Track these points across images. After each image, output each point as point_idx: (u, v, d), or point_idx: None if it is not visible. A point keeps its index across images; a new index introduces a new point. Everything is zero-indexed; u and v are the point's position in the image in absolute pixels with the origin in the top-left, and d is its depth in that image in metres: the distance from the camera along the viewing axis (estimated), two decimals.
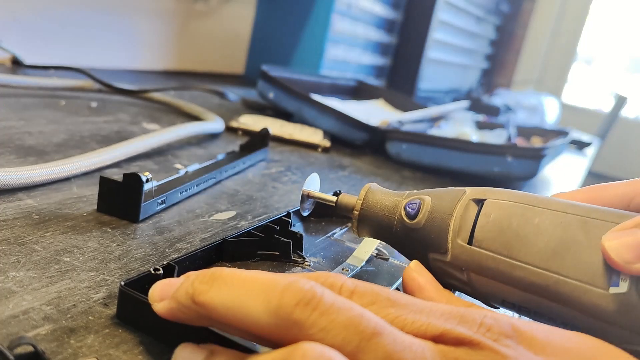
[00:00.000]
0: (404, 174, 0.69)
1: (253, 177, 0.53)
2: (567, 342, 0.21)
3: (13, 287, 0.27)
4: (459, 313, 0.21)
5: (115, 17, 0.98)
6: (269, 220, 0.37)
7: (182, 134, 0.57)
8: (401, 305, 0.21)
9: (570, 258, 0.25)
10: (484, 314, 0.21)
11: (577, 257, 0.25)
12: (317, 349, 0.17)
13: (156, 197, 0.38)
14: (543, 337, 0.21)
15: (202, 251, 0.31)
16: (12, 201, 0.36)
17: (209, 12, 1.18)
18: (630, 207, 0.29)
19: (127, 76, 0.95)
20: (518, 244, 0.27)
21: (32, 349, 0.21)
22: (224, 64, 1.28)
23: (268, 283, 0.20)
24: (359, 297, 0.21)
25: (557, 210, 0.27)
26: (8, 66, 0.81)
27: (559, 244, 0.26)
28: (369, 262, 0.37)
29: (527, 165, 0.67)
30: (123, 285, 0.25)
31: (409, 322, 0.20)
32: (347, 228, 0.43)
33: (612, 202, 0.30)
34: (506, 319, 0.21)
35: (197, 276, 0.21)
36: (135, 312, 0.25)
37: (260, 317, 0.19)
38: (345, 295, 0.20)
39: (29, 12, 0.84)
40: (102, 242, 0.33)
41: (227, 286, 0.20)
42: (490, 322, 0.20)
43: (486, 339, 0.19)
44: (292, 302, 0.19)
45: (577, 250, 0.25)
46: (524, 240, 0.26)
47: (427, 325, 0.20)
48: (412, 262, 0.30)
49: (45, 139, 0.51)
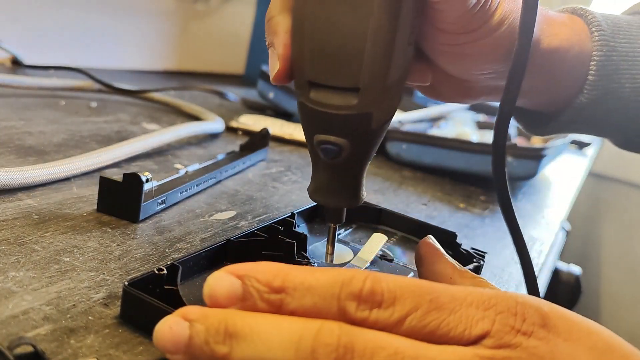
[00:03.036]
0: (404, 174, 0.69)
1: (253, 177, 0.53)
2: (587, 329, 0.22)
3: (13, 287, 0.27)
4: (492, 302, 0.21)
5: (115, 18, 0.98)
6: (273, 220, 0.36)
7: (182, 134, 0.57)
8: (442, 305, 0.21)
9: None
10: (515, 301, 0.21)
11: None
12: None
13: (156, 197, 0.38)
14: (568, 323, 0.22)
15: (206, 251, 0.31)
16: (12, 201, 0.36)
17: (209, 12, 1.18)
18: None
19: (127, 76, 0.95)
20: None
21: (32, 349, 0.21)
22: (224, 64, 1.28)
23: (293, 333, 0.19)
24: (401, 305, 0.20)
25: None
26: (8, 66, 0.81)
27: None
28: (373, 264, 0.37)
29: (527, 165, 0.67)
30: (127, 285, 0.25)
31: (453, 327, 0.20)
32: (351, 229, 0.43)
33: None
34: (535, 304, 0.21)
35: (209, 331, 0.20)
36: (138, 312, 0.25)
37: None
38: (387, 305, 0.20)
39: (29, 12, 0.84)
40: (102, 242, 0.33)
41: (248, 343, 0.19)
42: (523, 310, 0.21)
43: (524, 339, 0.20)
44: (329, 358, 0.19)
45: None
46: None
47: (470, 329, 0.20)
48: (428, 235, 0.32)
49: (45, 139, 0.51)
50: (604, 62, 0.35)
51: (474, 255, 0.38)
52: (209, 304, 0.21)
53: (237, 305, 0.21)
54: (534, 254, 0.52)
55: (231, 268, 0.21)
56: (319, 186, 0.30)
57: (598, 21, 0.35)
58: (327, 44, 0.25)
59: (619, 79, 0.35)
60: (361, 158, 0.29)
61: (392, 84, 0.27)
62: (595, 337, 0.22)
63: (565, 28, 0.35)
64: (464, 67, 0.32)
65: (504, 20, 0.30)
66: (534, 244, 0.54)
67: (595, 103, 0.36)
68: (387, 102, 0.27)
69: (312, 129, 0.28)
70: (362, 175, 0.30)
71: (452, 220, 0.54)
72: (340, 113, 0.26)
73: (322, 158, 0.28)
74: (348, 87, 0.26)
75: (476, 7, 0.28)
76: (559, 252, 0.75)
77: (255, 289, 0.21)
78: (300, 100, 0.28)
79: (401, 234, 0.44)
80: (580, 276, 1.47)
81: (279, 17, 0.28)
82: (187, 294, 0.29)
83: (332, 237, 0.32)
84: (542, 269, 0.51)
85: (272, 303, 0.21)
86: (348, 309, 0.20)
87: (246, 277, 0.21)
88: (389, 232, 0.44)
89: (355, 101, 0.26)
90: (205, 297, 0.21)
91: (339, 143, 0.27)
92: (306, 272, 0.21)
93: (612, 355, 0.21)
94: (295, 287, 0.21)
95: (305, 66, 0.27)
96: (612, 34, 0.35)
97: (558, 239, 0.67)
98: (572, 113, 0.37)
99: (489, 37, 0.30)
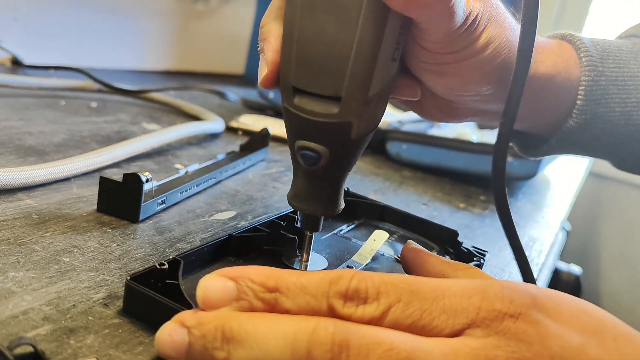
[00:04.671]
0: (404, 174, 0.69)
1: (253, 177, 0.53)
2: (578, 309, 0.22)
3: (13, 287, 0.27)
4: (477, 289, 0.21)
5: (115, 17, 0.98)
6: (275, 216, 0.37)
7: (182, 134, 0.57)
8: (424, 295, 0.21)
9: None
10: (501, 285, 0.22)
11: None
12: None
13: (156, 197, 0.38)
14: (557, 303, 0.22)
15: (209, 246, 0.32)
16: (12, 201, 0.36)
17: (209, 12, 1.18)
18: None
19: (127, 76, 0.95)
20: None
21: (32, 349, 0.21)
22: (224, 64, 1.28)
23: (288, 334, 0.20)
24: (385, 298, 0.21)
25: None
26: (8, 66, 0.81)
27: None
28: (375, 260, 0.37)
29: (527, 165, 0.67)
30: (129, 279, 0.26)
31: (436, 316, 0.21)
32: (354, 225, 0.43)
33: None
34: (522, 287, 0.22)
35: (206, 337, 0.21)
36: (140, 306, 0.26)
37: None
38: (371, 300, 0.21)
39: (29, 12, 0.84)
40: (102, 242, 0.33)
41: (244, 348, 0.20)
42: (509, 293, 0.21)
43: (511, 322, 0.20)
44: (325, 358, 0.19)
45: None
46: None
47: (454, 317, 0.21)
48: (409, 240, 0.32)
49: (45, 139, 0.51)
50: (592, 87, 0.36)
51: (475, 254, 0.39)
52: (202, 307, 0.22)
53: (233, 306, 0.21)
54: (534, 254, 0.52)
55: (222, 271, 0.22)
56: (298, 192, 0.30)
57: (586, 47, 0.36)
58: (312, 52, 0.26)
59: (607, 103, 0.36)
60: (339, 167, 0.29)
61: (374, 97, 0.27)
62: (586, 317, 0.22)
63: (552, 55, 0.35)
64: (447, 87, 0.32)
65: (489, 44, 0.30)
66: (534, 244, 0.54)
67: (584, 127, 0.37)
68: (368, 114, 0.28)
69: (293, 134, 0.29)
70: (340, 185, 0.30)
71: (452, 220, 0.54)
72: (321, 120, 0.27)
73: (301, 164, 0.29)
74: (330, 95, 0.27)
75: (461, 29, 0.28)
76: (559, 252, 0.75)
77: (250, 288, 0.21)
78: (284, 105, 0.29)
79: (403, 231, 0.44)
80: (581, 276, 1.47)
81: (270, 24, 0.29)
82: (190, 288, 0.29)
83: (307, 245, 0.33)
84: (542, 269, 0.51)
85: (267, 302, 0.21)
86: (336, 306, 0.21)
87: (240, 278, 0.22)
88: (392, 229, 0.44)
89: (336, 110, 0.27)
90: (198, 301, 0.22)
91: (318, 150, 0.28)
92: (297, 274, 0.22)
93: (604, 334, 0.21)
94: (289, 287, 0.21)
95: (291, 72, 0.27)
96: (601, 59, 0.36)
97: (558, 239, 0.67)
98: (562, 136, 0.37)
99: (473, 59, 0.30)
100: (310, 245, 0.33)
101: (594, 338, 0.21)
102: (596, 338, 0.21)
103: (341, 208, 0.31)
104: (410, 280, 0.22)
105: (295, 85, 0.27)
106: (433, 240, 0.43)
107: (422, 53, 0.30)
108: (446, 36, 0.28)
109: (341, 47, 0.26)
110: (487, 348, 0.20)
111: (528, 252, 0.47)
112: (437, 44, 0.29)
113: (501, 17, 0.31)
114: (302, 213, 0.31)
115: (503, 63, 0.31)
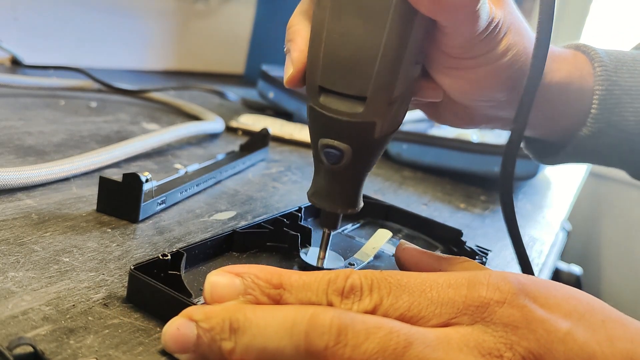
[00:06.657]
0: (404, 174, 0.68)
1: (253, 177, 0.53)
2: (566, 295, 0.23)
3: (12, 287, 0.26)
4: (464, 280, 0.22)
5: (115, 17, 0.98)
6: (279, 213, 0.37)
7: (182, 134, 0.57)
8: (412, 288, 0.22)
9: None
10: (488, 274, 0.22)
11: None
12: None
13: (156, 197, 0.38)
14: (544, 289, 0.22)
15: (212, 240, 0.32)
16: (12, 201, 0.36)
17: (209, 12, 1.18)
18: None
19: (127, 76, 0.95)
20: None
21: (32, 350, 0.21)
22: (224, 64, 1.28)
23: (287, 320, 0.21)
24: (377, 293, 0.22)
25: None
26: (8, 66, 0.81)
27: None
28: (377, 258, 0.37)
29: (527, 165, 0.67)
30: (133, 269, 0.26)
31: (424, 307, 0.22)
32: (359, 224, 0.44)
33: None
34: (509, 275, 0.22)
35: (215, 329, 0.21)
36: (143, 295, 0.26)
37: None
38: (366, 295, 0.22)
39: (29, 12, 0.84)
40: (102, 242, 0.33)
41: (248, 336, 0.21)
42: (496, 281, 0.22)
43: (497, 307, 0.21)
44: (321, 344, 0.20)
45: None
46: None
47: (441, 307, 0.22)
48: (401, 240, 0.33)
49: (45, 139, 0.51)
50: (606, 96, 0.36)
51: (477, 252, 0.40)
52: (209, 302, 0.23)
53: (239, 300, 0.23)
54: (534, 254, 0.52)
55: (228, 268, 0.23)
56: (318, 190, 0.31)
57: (600, 57, 0.37)
58: (340, 54, 0.27)
59: (621, 112, 0.36)
60: (361, 166, 0.30)
61: (397, 98, 0.28)
62: (574, 301, 0.22)
63: (567, 64, 0.36)
64: (463, 92, 0.33)
65: (508, 50, 0.31)
66: (535, 244, 0.54)
67: (598, 135, 0.37)
68: (391, 115, 0.28)
69: (318, 132, 0.29)
70: (360, 183, 0.31)
71: (453, 220, 0.54)
72: (346, 119, 0.28)
73: (324, 162, 0.30)
74: (356, 95, 0.27)
75: (483, 34, 0.29)
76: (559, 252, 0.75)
77: (255, 284, 0.23)
78: (310, 104, 0.29)
79: (408, 230, 0.45)
80: (581, 276, 1.47)
81: (297, 25, 0.30)
82: (192, 280, 0.30)
83: (325, 242, 0.33)
84: (542, 269, 0.51)
85: (272, 297, 0.23)
86: (334, 302, 0.22)
87: (246, 274, 0.23)
88: (396, 228, 0.45)
89: (361, 109, 0.27)
90: (206, 295, 0.23)
91: (341, 148, 0.28)
92: (299, 273, 0.23)
93: (592, 317, 0.22)
94: (292, 284, 0.23)
95: (318, 72, 0.28)
96: (615, 69, 0.37)
97: (559, 239, 0.67)
98: (576, 144, 0.38)
99: (491, 65, 0.31)
100: (327, 243, 0.33)
101: (582, 322, 0.21)
102: (584, 322, 0.21)
103: (360, 207, 0.32)
104: (399, 275, 0.23)
105: (321, 85, 0.28)
106: (437, 240, 0.43)
107: (442, 57, 0.30)
108: (468, 41, 0.29)
109: (368, 49, 0.26)
110: (476, 334, 0.21)
111: (528, 252, 0.47)
112: (458, 49, 0.29)
113: (520, 25, 0.31)
114: (322, 210, 0.32)
115: (520, 70, 0.32)
